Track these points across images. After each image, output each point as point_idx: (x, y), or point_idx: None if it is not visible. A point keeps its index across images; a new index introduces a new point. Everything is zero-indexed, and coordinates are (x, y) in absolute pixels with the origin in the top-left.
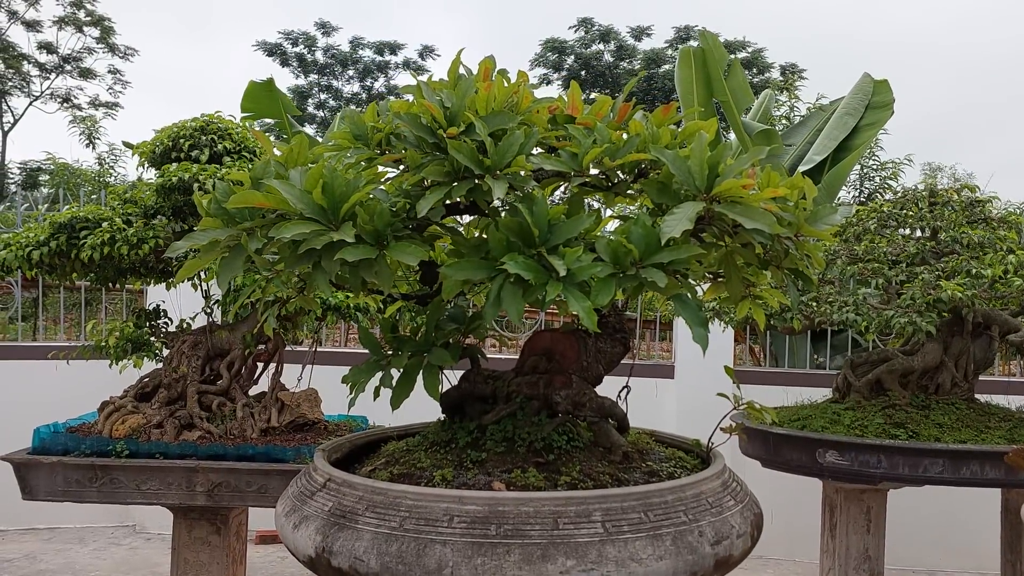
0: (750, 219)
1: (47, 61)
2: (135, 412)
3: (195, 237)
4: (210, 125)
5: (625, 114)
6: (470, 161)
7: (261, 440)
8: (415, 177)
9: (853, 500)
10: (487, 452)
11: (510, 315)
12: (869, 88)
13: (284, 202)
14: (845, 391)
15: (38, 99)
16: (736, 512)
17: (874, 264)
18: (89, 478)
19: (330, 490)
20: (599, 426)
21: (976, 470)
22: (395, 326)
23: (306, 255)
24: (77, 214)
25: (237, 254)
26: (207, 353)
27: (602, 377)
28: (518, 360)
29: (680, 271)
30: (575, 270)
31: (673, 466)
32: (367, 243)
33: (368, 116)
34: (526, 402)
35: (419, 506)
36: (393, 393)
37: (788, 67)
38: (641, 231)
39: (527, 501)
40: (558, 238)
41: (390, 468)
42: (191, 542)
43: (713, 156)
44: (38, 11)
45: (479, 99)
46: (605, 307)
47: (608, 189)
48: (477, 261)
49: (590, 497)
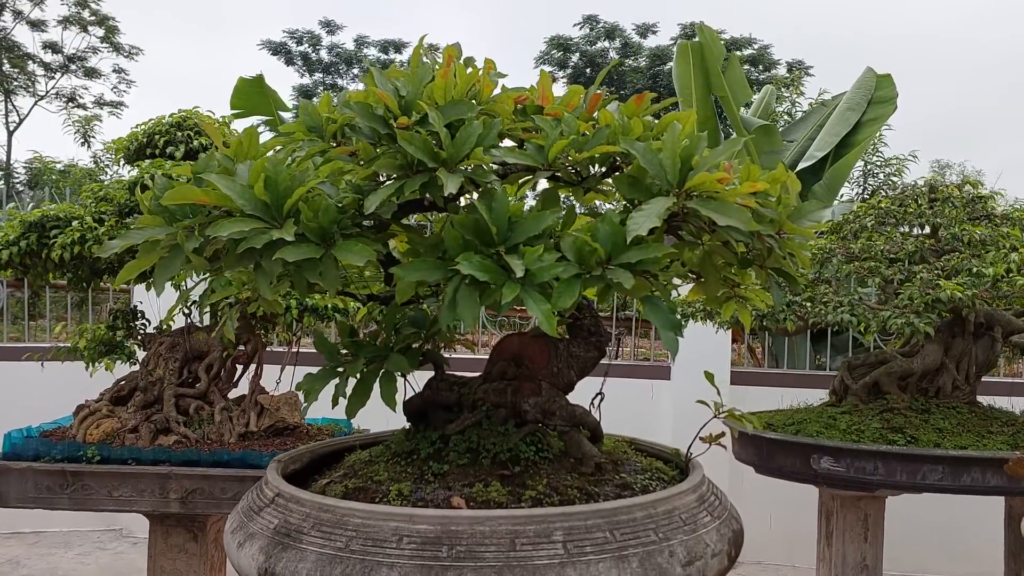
0: (724, 215)
1: (52, 60)
2: (110, 416)
3: (130, 236)
4: (187, 121)
5: (596, 104)
6: (423, 154)
7: (239, 445)
8: (366, 171)
9: (850, 507)
10: (449, 464)
11: (464, 320)
12: (872, 83)
13: (225, 198)
14: (842, 394)
15: (43, 98)
16: (712, 529)
17: (871, 263)
18: (60, 484)
19: (278, 506)
20: (570, 436)
21: (977, 477)
22: (354, 330)
23: (247, 255)
24: (48, 212)
25: (176, 254)
26: (185, 355)
27: (574, 383)
28: (486, 366)
29: (650, 271)
30: (535, 271)
31: (649, 478)
32: (311, 242)
33: (323, 107)
34: (492, 410)
35: (367, 525)
36: (348, 402)
37: (794, 64)
38: (608, 229)
39: (483, 520)
40: (519, 236)
41: (346, 482)
42: (168, 549)
43: (686, 149)
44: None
45: (436, 87)
46: (568, 310)
47: (579, 184)
48: (432, 261)
49: (551, 515)
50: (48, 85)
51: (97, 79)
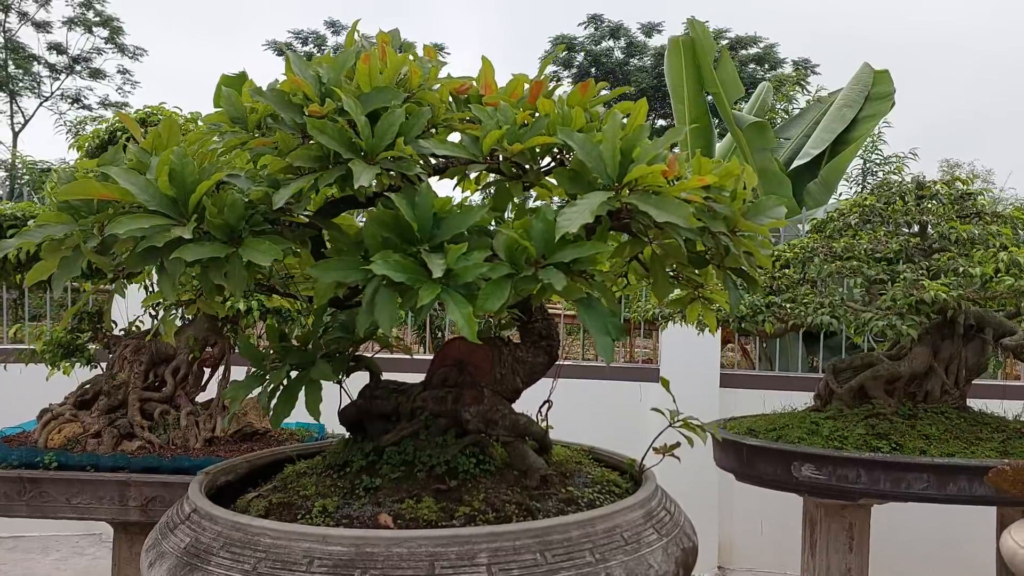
0: (663, 211)
1: (57, 62)
2: (73, 420)
3: (29, 234)
4: (151, 117)
5: (539, 92)
6: (339, 144)
7: (205, 450)
8: (280, 163)
9: (834, 516)
10: (382, 478)
11: (382, 323)
12: (869, 79)
13: (127, 193)
14: (827, 398)
15: (48, 100)
16: (657, 548)
17: (854, 262)
18: (17, 491)
19: (192, 523)
20: (513, 447)
21: (964, 486)
22: (284, 335)
23: (148, 254)
24: (3, 211)
25: (78, 254)
26: (151, 358)
27: (520, 390)
28: (428, 371)
29: (586, 271)
30: (458, 270)
31: (598, 491)
32: (217, 240)
33: (245, 95)
34: (431, 420)
35: (277, 546)
36: (273, 412)
37: (800, 62)
38: (542, 226)
39: (400, 541)
40: (445, 234)
41: (273, 496)
42: (132, 558)
43: (627, 140)
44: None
45: (360, 73)
46: (497, 313)
47: (518, 178)
48: (348, 260)
49: (477, 535)
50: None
51: (102, 80)
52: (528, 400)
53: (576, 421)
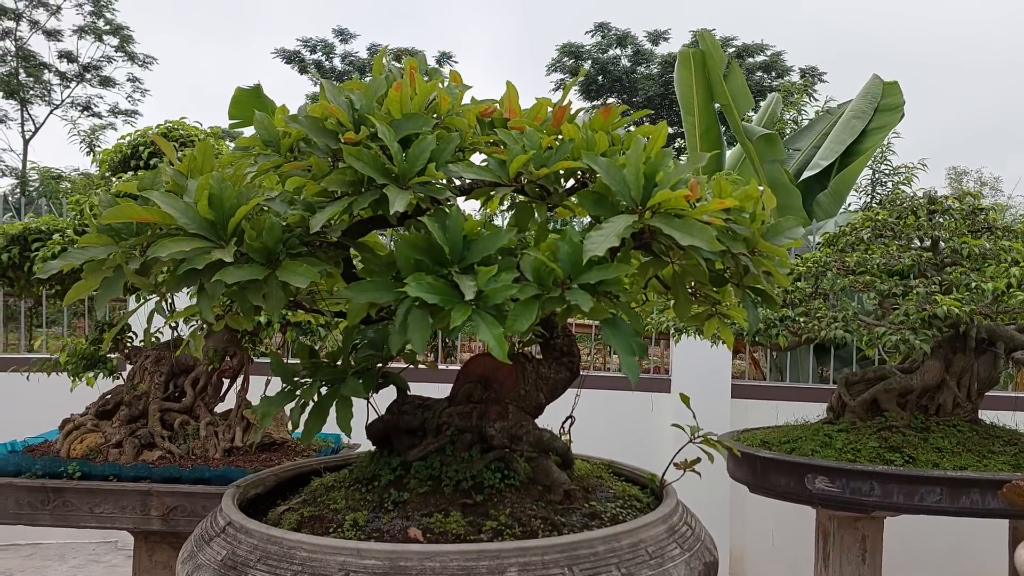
0: (687, 234)
1: (67, 70)
2: (94, 431)
3: (71, 255)
4: (172, 132)
5: (562, 117)
6: (373, 170)
7: (224, 460)
8: (316, 187)
9: (847, 528)
10: (410, 492)
11: (415, 344)
12: (878, 91)
13: (168, 216)
14: (839, 411)
15: (58, 107)
16: (681, 563)
17: (867, 276)
18: (41, 501)
19: (227, 536)
20: (537, 462)
21: (977, 499)
22: (313, 351)
23: (188, 276)
24: (29, 225)
25: (119, 275)
26: (171, 369)
27: (543, 406)
28: (452, 387)
29: (612, 291)
30: (488, 292)
31: (621, 506)
32: (256, 262)
33: (278, 119)
34: (457, 435)
35: (313, 559)
36: (304, 427)
37: (807, 70)
38: (568, 248)
39: (433, 555)
40: (475, 256)
41: (303, 509)
42: (152, 566)
43: (651, 164)
44: (59, 20)
45: (391, 100)
46: (525, 333)
47: (543, 200)
48: (382, 282)
49: (506, 550)
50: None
51: (112, 88)
52: (546, 412)
53: (587, 431)
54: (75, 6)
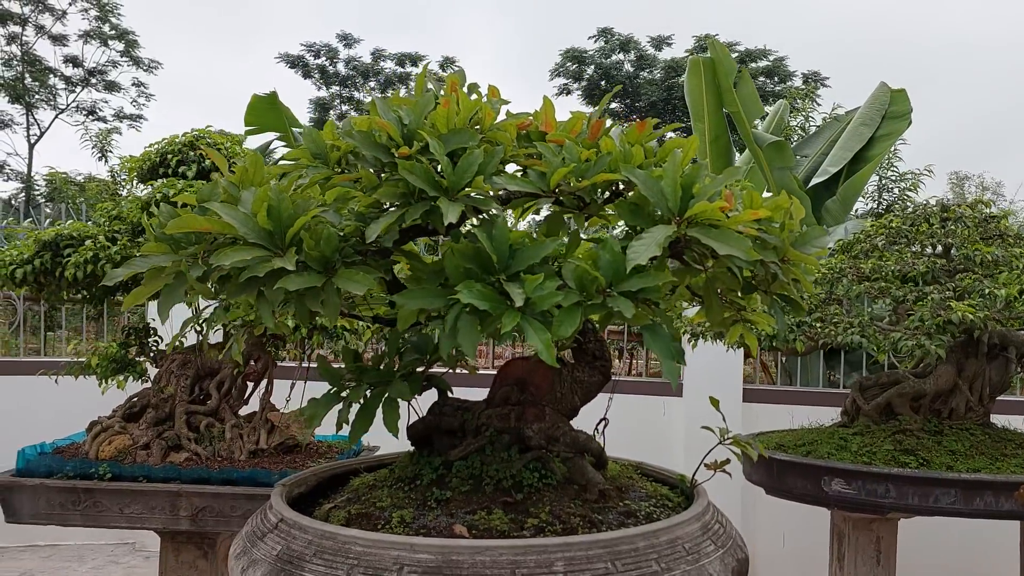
0: (724, 244)
1: (73, 74)
2: (122, 433)
3: (135, 263)
4: (199, 140)
5: (599, 130)
6: (424, 183)
7: (249, 462)
8: (368, 199)
9: (862, 529)
10: (452, 491)
11: (464, 348)
12: (886, 98)
13: (228, 226)
14: (854, 415)
15: (64, 112)
16: (716, 559)
17: (882, 283)
18: (72, 501)
19: (281, 532)
20: (573, 462)
21: (991, 501)
22: (358, 355)
23: (249, 283)
24: (61, 231)
25: (180, 281)
26: (197, 372)
27: (578, 408)
28: (490, 390)
29: (651, 299)
30: (535, 299)
31: (653, 505)
32: (313, 270)
33: (327, 134)
34: (496, 436)
35: (368, 553)
36: (352, 428)
37: (810, 75)
38: (609, 257)
39: (483, 550)
40: (520, 264)
41: (350, 507)
42: (178, 566)
43: (687, 176)
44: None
45: (438, 116)
46: (568, 338)
47: (581, 210)
48: (432, 289)
49: (551, 545)
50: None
51: (117, 92)
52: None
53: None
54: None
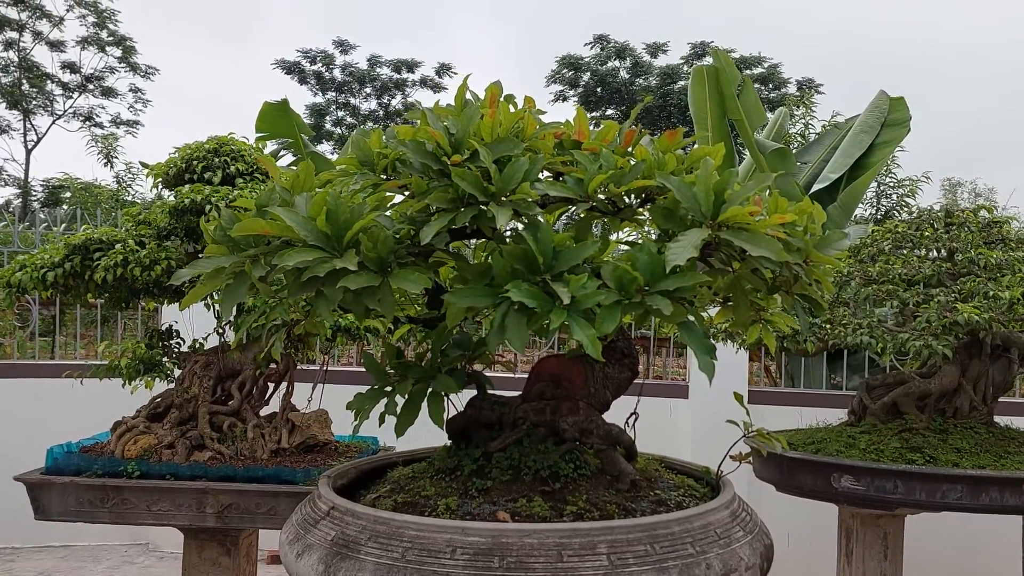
0: (756, 246)
1: (70, 80)
2: (147, 432)
3: (200, 264)
4: (223, 147)
5: (631, 139)
6: (474, 188)
7: (271, 461)
8: (420, 204)
9: (870, 525)
10: (492, 480)
11: (512, 344)
12: (885, 106)
13: (288, 229)
14: (861, 414)
15: (61, 117)
16: (745, 543)
17: (889, 286)
18: (101, 499)
19: (333, 519)
20: (606, 454)
21: (996, 496)
22: (400, 352)
23: (309, 283)
24: (91, 236)
25: (241, 281)
26: (219, 373)
27: (609, 403)
28: (525, 386)
29: (686, 298)
30: (580, 298)
31: (682, 495)
32: (370, 270)
33: (374, 142)
34: (532, 429)
35: (422, 537)
36: (398, 420)
37: (804, 82)
38: (646, 258)
39: (531, 533)
40: (563, 265)
41: (394, 496)
42: (201, 563)
43: (719, 182)
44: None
45: (484, 125)
46: (610, 335)
47: (615, 214)
48: (481, 288)
49: (595, 529)
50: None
51: (114, 99)
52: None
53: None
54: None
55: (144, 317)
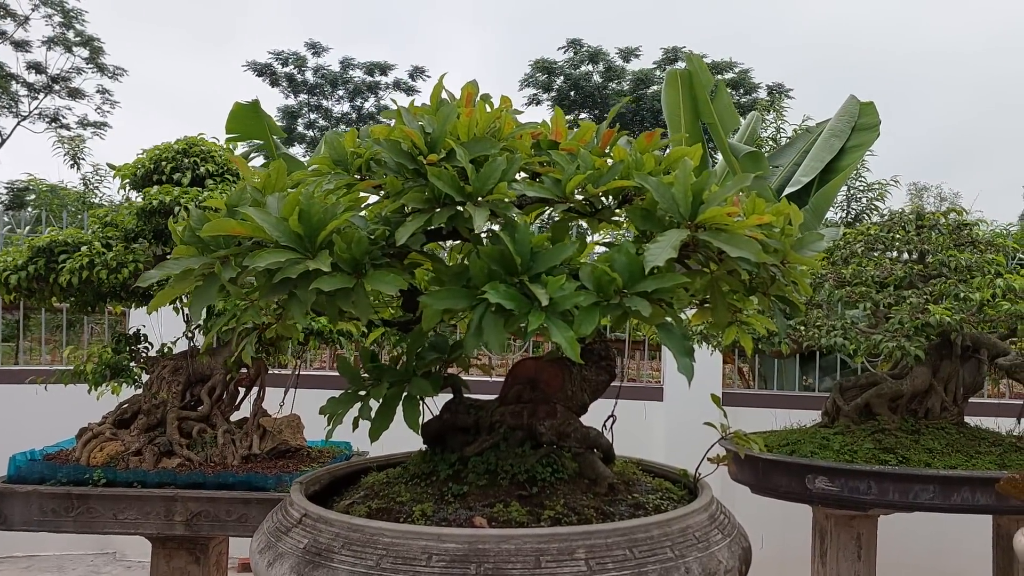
0: (735, 247)
1: (36, 81)
2: (113, 439)
3: (168, 266)
4: (193, 148)
5: (609, 140)
6: (451, 188)
7: (242, 467)
8: (395, 204)
9: (843, 526)
10: (469, 485)
11: (491, 346)
12: (855, 110)
13: (259, 230)
14: (834, 415)
15: (26, 119)
16: (723, 546)
17: (861, 288)
18: (65, 507)
19: (306, 526)
20: (584, 457)
21: (967, 496)
22: (375, 355)
23: (281, 284)
24: (56, 238)
25: (211, 283)
26: (188, 378)
27: (587, 406)
28: (501, 389)
29: (665, 299)
30: (558, 299)
31: (660, 498)
32: (344, 272)
33: (348, 141)
34: (509, 433)
35: (397, 544)
36: (372, 425)
37: (775, 87)
38: (625, 259)
39: (508, 538)
40: (541, 266)
41: (368, 502)
42: (170, 572)
43: (697, 183)
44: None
45: (460, 125)
46: (589, 336)
47: (592, 215)
48: (458, 290)
49: (573, 533)
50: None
51: (81, 100)
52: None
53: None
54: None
55: (111, 321)
